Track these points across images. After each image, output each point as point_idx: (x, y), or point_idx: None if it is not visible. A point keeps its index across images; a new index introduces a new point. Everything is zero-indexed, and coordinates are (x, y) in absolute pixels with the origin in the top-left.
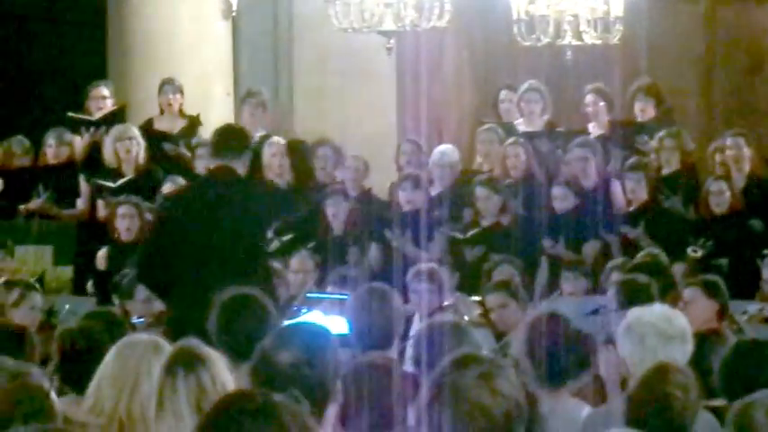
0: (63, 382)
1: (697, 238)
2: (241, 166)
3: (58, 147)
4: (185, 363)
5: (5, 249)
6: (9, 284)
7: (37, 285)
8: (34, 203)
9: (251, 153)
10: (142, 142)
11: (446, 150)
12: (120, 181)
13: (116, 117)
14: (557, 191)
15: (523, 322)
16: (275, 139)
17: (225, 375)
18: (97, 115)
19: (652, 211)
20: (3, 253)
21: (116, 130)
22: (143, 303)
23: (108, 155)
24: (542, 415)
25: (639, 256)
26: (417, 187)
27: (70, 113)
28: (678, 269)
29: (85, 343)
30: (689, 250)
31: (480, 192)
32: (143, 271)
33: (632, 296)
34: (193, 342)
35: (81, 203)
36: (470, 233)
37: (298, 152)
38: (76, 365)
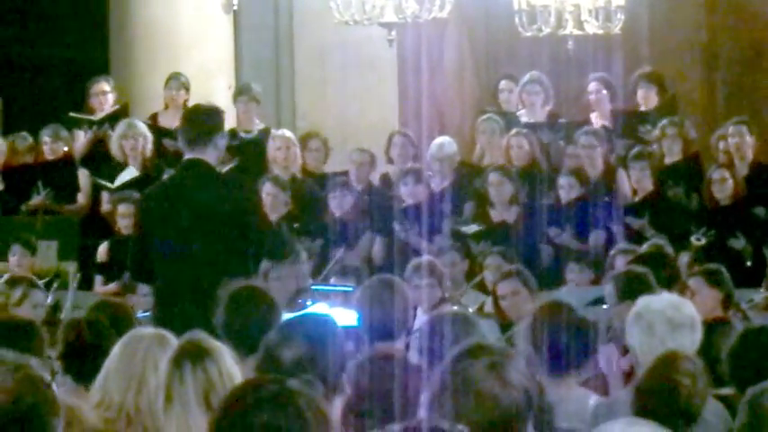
0: (65, 372)
1: (700, 228)
2: (213, 152)
3: (53, 143)
4: (193, 355)
5: (26, 246)
6: (12, 282)
7: (39, 283)
8: (35, 200)
9: (223, 133)
10: (149, 136)
11: (444, 143)
12: (118, 182)
13: (118, 117)
14: (563, 180)
15: (528, 312)
16: (279, 132)
17: (232, 368)
18: (99, 114)
19: (658, 200)
20: (23, 249)
21: (122, 126)
22: (146, 297)
23: (114, 150)
24: (550, 404)
25: (644, 247)
26: (419, 181)
27: (71, 113)
28: (683, 258)
29: (91, 336)
30: (692, 238)
31: (493, 177)
32: (134, 268)
33: (631, 288)
34: (200, 335)
35: (82, 198)
36: (475, 229)
37: None
38: (80, 357)
